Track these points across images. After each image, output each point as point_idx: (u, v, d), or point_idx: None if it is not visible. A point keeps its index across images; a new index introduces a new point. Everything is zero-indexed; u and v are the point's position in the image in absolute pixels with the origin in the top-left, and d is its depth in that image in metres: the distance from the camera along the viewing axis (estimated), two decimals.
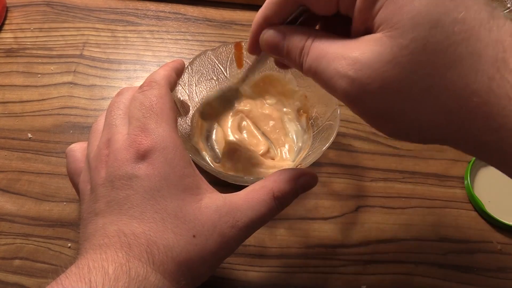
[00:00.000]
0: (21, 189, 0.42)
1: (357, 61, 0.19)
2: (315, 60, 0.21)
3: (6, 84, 0.49)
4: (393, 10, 0.18)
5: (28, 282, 0.36)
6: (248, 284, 0.37)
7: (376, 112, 0.20)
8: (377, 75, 0.18)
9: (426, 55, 0.17)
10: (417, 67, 0.18)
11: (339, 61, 0.19)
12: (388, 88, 0.18)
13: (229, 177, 0.36)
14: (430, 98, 0.18)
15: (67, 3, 0.56)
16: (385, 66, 0.18)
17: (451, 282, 0.37)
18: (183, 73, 0.39)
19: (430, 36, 0.17)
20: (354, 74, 0.19)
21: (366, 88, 0.19)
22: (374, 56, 0.18)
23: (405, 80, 0.18)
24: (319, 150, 0.36)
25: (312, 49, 0.21)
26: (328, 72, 0.20)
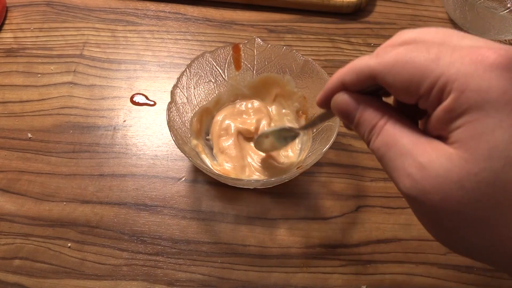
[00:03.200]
0: (21, 189, 0.42)
1: (424, 168, 0.19)
2: (384, 146, 0.21)
3: (6, 84, 0.49)
4: (471, 135, 0.18)
5: (28, 282, 0.37)
6: (248, 284, 0.37)
7: (429, 219, 0.21)
8: (440, 190, 0.18)
9: (494, 189, 0.18)
10: (481, 197, 0.18)
11: (407, 159, 0.19)
12: (447, 205, 0.19)
13: (229, 180, 0.36)
14: (487, 228, 0.19)
15: (67, 3, 0.56)
16: (450, 185, 0.18)
17: (451, 282, 0.37)
18: (182, 76, 0.39)
19: (502, 172, 0.17)
20: (419, 178, 0.19)
21: (426, 196, 0.19)
22: (442, 171, 0.18)
23: (466, 205, 0.18)
24: (319, 151, 0.36)
25: (384, 132, 0.21)
26: (394, 163, 0.20)
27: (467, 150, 0.18)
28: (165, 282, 0.37)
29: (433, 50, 0.19)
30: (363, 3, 0.55)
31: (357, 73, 0.22)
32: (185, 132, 0.40)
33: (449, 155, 0.18)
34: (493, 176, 0.17)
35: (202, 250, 0.38)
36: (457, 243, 0.21)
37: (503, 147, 0.17)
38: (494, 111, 0.17)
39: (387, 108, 0.22)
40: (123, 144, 0.45)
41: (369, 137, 0.22)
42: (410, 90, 0.19)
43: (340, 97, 0.23)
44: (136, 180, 0.42)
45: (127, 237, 0.39)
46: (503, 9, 0.57)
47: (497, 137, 0.17)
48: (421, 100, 0.19)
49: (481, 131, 0.17)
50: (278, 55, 0.42)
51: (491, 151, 0.17)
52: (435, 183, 0.18)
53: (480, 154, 0.17)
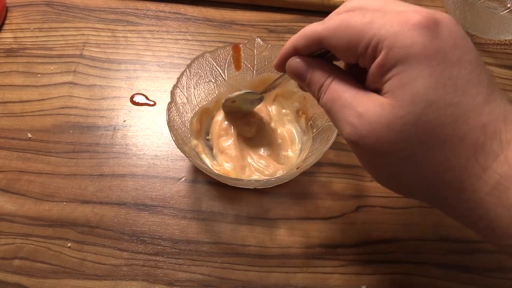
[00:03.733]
0: (21, 189, 0.42)
1: (361, 116, 0.22)
2: (330, 101, 0.24)
3: (6, 84, 0.49)
4: (398, 84, 0.21)
5: (28, 282, 0.37)
6: (248, 284, 0.37)
7: (368, 161, 0.24)
8: (374, 133, 0.21)
9: (416, 129, 0.20)
10: (406, 137, 0.21)
11: (348, 110, 0.22)
12: (380, 146, 0.21)
13: (229, 180, 0.36)
14: (412, 164, 0.22)
15: (67, 3, 0.56)
16: (382, 128, 0.21)
17: (451, 282, 0.37)
18: (182, 76, 0.39)
19: (422, 114, 0.20)
20: (357, 125, 0.22)
21: (364, 140, 0.22)
22: (375, 117, 0.21)
23: (394, 144, 0.21)
24: (319, 151, 0.36)
25: (330, 89, 0.24)
26: (338, 115, 0.23)
27: (394, 98, 0.21)
28: (165, 282, 0.37)
29: (368, 15, 0.22)
30: None
31: (306, 38, 0.25)
32: (185, 132, 0.40)
33: (381, 103, 0.21)
34: (415, 118, 0.20)
35: (202, 250, 0.38)
36: (390, 180, 0.24)
37: (423, 92, 0.20)
38: (416, 64, 0.20)
39: (333, 68, 0.25)
40: (123, 144, 0.45)
41: (318, 95, 0.25)
42: (350, 51, 0.22)
43: (293, 61, 0.26)
44: (136, 180, 0.42)
45: (127, 237, 0.39)
46: (503, 9, 0.57)
47: (418, 85, 0.20)
48: (360, 59, 0.22)
49: (406, 81, 0.20)
50: (277, 55, 0.42)
51: (414, 96, 0.20)
52: (370, 128, 0.21)
53: (405, 100, 0.20)
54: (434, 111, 0.20)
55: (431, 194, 0.23)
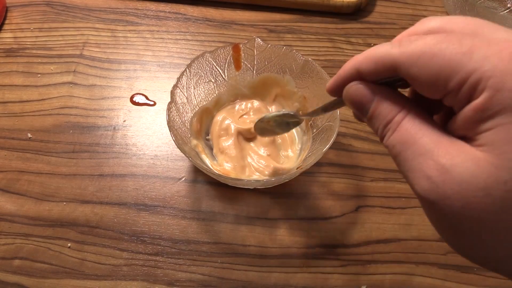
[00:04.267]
0: (21, 189, 0.42)
1: (445, 170, 0.17)
2: (401, 144, 0.19)
3: (6, 84, 0.49)
4: (505, 139, 0.16)
5: (28, 282, 0.37)
6: (248, 284, 0.37)
7: (447, 225, 0.19)
8: (463, 196, 0.17)
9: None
10: (510, 207, 0.16)
11: (426, 160, 0.18)
12: (469, 213, 0.17)
13: (229, 180, 0.36)
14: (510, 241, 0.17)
15: (67, 3, 0.56)
16: (475, 192, 0.17)
17: (451, 282, 0.37)
18: (182, 76, 0.39)
19: None
20: (439, 182, 0.17)
21: (446, 202, 0.17)
22: (467, 176, 0.17)
23: (491, 214, 0.17)
24: (319, 151, 0.36)
25: (401, 129, 0.19)
26: (411, 163, 0.18)
27: (498, 155, 0.16)
28: (165, 282, 0.37)
29: (466, 42, 0.17)
30: (363, 3, 0.55)
31: (376, 62, 0.20)
32: (185, 132, 0.40)
33: (476, 159, 0.17)
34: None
35: (202, 250, 0.38)
36: (476, 252, 0.19)
37: None
38: None
39: (405, 101, 0.20)
40: (123, 144, 0.45)
41: (384, 133, 0.20)
42: (437, 85, 0.18)
43: (354, 86, 0.21)
44: (136, 180, 0.42)
45: (127, 237, 0.39)
46: (503, 9, 0.57)
47: None
48: (448, 96, 0.18)
49: None
50: (278, 55, 0.42)
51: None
52: (458, 188, 0.17)
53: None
54: None
55: None
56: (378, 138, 0.21)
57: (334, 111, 0.37)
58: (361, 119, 0.23)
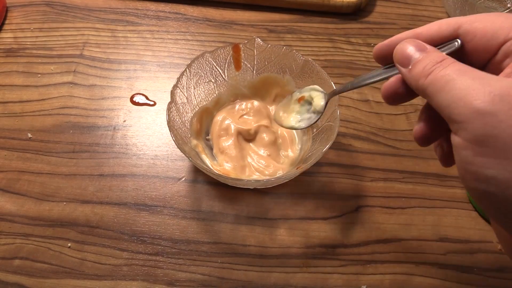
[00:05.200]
0: (21, 189, 0.42)
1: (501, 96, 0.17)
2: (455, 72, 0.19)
3: (6, 84, 0.49)
4: None
5: (28, 282, 0.37)
6: (248, 284, 0.37)
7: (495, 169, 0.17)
8: None
9: None
10: None
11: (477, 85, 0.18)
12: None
13: (229, 180, 0.36)
14: None
15: (67, 3, 0.56)
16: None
17: (451, 282, 0.37)
18: (182, 76, 0.39)
19: None
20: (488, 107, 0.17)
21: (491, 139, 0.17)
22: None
23: None
24: (319, 151, 0.36)
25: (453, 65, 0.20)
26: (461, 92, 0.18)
27: None
28: (165, 282, 0.37)
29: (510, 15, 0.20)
30: (363, 3, 0.55)
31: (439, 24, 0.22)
32: (185, 132, 0.40)
33: None
34: None
35: (202, 250, 0.38)
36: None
37: None
38: None
39: None
40: (123, 144, 0.45)
41: (433, 68, 0.20)
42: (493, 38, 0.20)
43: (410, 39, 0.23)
44: (136, 180, 0.42)
45: (127, 237, 0.39)
46: (503, 9, 0.57)
47: None
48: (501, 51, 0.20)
49: None
50: (278, 55, 0.42)
51: None
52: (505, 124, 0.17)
53: None
54: None
55: None
56: (378, 139, 0.21)
57: (334, 111, 0.37)
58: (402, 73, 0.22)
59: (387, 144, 0.45)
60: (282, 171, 0.40)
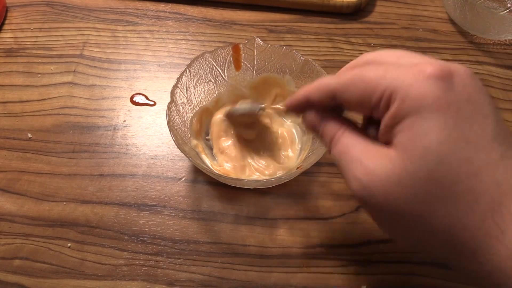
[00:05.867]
0: (21, 189, 0.42)
1: (370, 172, 0.21)
2: (339, 154, 0.24)
3: (6, 84, 0.49)
4: (410, 137, 0.20)
5: (28, 282, 0.37)
6: (248, 284, 0.37)
7: (378, 218, 0.23)
8: (383, 191, 0.20)
9: (427, 185, 0.20)
10: (417, 194, 0.20)
11: (356, 165, 0.22)
12: (390, 204, 0.20)
13: (228, 180, 0.36)
14: (424, 223, 0.20)
15: (67, 3, 0.56)
16: (392, 185, 0.20)
17: (451, 282, 0.37)
18: (182, 76, 0.39)
19: (434, 170, 0.19)
20: (365, 182, 0.21)
21: (372, 198, 0.21)
22: (384, 173, 0.20)
23: (404, 202, 0.20)
24: (320, 151, 0.36)
25: (339, 143, 0.24)
26: (347, 170, 0.22)
27: (405, 151, 0.20)
28: (165, 282, 0.37)
29: (381, 68, 0.22)
30: (363, 3, 0.55)
31: (320, 91, 0.25)
32: (185, 132, 0.40)
33: (391, 158, 0.21)
34: (427, 174, 0.19)
35: (202, 250, 0.38)
36: (403, 238, 0.23)
37: (435, 147, 0.19)
38: (428, 115, 0.19)
39: (345, 122, 0.25)
40: (123, 144, 0.45)
41: (330, 147, 0.25)
42: (364, 103, 0.22)
43: (309, 115, 0.26)
44: (136, 180, 0.42)
45: (127, 237, 0.39)
46: (503, 9, 0.57)
47: (430, 138, 0.19)
48: (374, 111, 0.22)
49: (417, 133, 0.20)
50: (278, 55, 0.42)
51: (425, 151, 0.19)
52: (379, 185, 0.21)
53: (415, 155, 0.20)
54: (447, 167, 0.19)
55: (446, 253, 0.21)
56: None
57: None
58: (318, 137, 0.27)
59: None
60: (282, 171, 0.40)
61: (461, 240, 0.20)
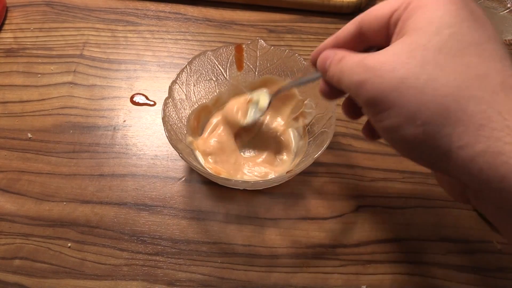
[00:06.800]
0: (21, 189, 0.42)
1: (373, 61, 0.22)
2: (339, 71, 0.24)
3: (6, 84, 0.49)
4: (424, 20, 0.21)
5: (28, 282, 0.37)
6: (248, 284, 0.37)
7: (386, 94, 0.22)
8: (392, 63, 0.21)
9: (438, 54, 0.20)
10: (428, 61, 0.20)
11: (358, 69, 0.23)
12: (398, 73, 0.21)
13: (218, 179, 0.36)
14: (431, 90, 0.20)
15: (67, 3, 0.56)
16: (400, 57, 0.21)
17: (451, 282, 0.37)
18: (182, 72, 0.39)
19: (447, 41, 0.20)
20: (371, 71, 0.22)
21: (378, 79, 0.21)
22: (395, 50, 0.21)
23: (414, 68, 0.20)
24: (311, 157, 0.36)
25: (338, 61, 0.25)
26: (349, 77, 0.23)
27: (417, 30, 0.21)
28: (165, 282, 0.37)
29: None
30: (363, 3, 0.55)
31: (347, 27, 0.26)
32: (181, 128, 0.40)
33: (401, 40, 0.21)
34: (438, 45, 0.20)
35: (202, 250, 0.38)
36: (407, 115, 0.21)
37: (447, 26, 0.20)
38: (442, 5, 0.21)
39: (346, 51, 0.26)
40: (123, 144, 0.45)
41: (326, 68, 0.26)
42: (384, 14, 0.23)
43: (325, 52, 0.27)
44: (136, 180, 0.42)
45: (127, 237, 0.39)
46: (503, 9, 0.57)
47: (443, 20, 0.20)
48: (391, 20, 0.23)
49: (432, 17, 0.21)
50: (280, 57, 0.42)
51: (438, 28, 0.20)
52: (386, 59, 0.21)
53: (428, 31, 0.21)
54: (459, 40, 0.20)
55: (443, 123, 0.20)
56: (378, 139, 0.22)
57: (331, 117, 0.37)
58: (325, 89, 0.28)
59: (387, 144, 0.45)
60: (273, 174, 0.40)
61: (468, 112, 0.19)
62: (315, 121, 0.41)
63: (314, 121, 0.41)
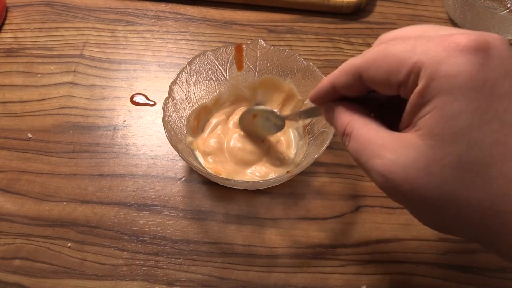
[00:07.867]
0: (21, 189, 0.42)
1: (393, 164, 0.20)
2: (356, 151, 0.22)
3: (6, 84, 0.49)
4: (438, 121, 0.18)
5: (28, 282, 0.37)
6: (248, 284, 0.37)
7: (406, 206, 0.22)
8: (409, 180, 0.19)
9: (457, 171, 0.18)
10: (447, 180, 0.19)
11: (376, 161, 0.21)
12: (417, 192, 0.19)
13: (218, 179, 0.36)
14: (454, 209, 0.19)
15: (67, 3, 0.56)
16: (418, 174, 0.19)
17: (451, 282, 0.37)
18: (182, 72, 0.39)
19: (465, 155, 0.18)
20: (388, 175, 0.20)
21: (397, 189, 0.20)
22: (410, 162, 0.19)
23: (433, 190, 0.19)
24: (311, 157, 0.36)
25: (353, 137, 0.23)
26: (367, 165, 0.22)
27: (432, 137, 0.19)
28: (165, 282, 0.37)
29: (410, 42, 0.20)
30: (363, 3, 0.55)
31: (345, 73, 0.23)
32: (181, 128, 0.40)
33: (416, 145, 0.19)
34: (457, 159, 0.18)
35: (202, 250, 0.38)
36: (432, 224, 0.22)
37: (466, 130, 0.18)
38: (461, 96, 0.18)
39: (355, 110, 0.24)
40: (123, 144, 0.45)
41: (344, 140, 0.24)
42: (391, 80, 0.20)
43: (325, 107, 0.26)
44: (136, 180, 0.42)
45: (127, 237, 0.39)
46: (503, 9, 0.57)
47: (461, 122, 0.18)
48: (401, 88, 0.20)
49: (446, 117, 0.18)
50: (280, 58, 0.42)
51: (455, 135, 0.18)
52: (403, 174, 0.19)
53: (445, 139, 0.18)
54: (478, 152, 0.18)
55: (480, 235, 0.20)
56: None
57: None
58: None
59: None
60: (273, 174, 0.40)
61: (496, 224, 0.19)
62: (315, 121, 0.41)
63: (314, 121, 0.41)
